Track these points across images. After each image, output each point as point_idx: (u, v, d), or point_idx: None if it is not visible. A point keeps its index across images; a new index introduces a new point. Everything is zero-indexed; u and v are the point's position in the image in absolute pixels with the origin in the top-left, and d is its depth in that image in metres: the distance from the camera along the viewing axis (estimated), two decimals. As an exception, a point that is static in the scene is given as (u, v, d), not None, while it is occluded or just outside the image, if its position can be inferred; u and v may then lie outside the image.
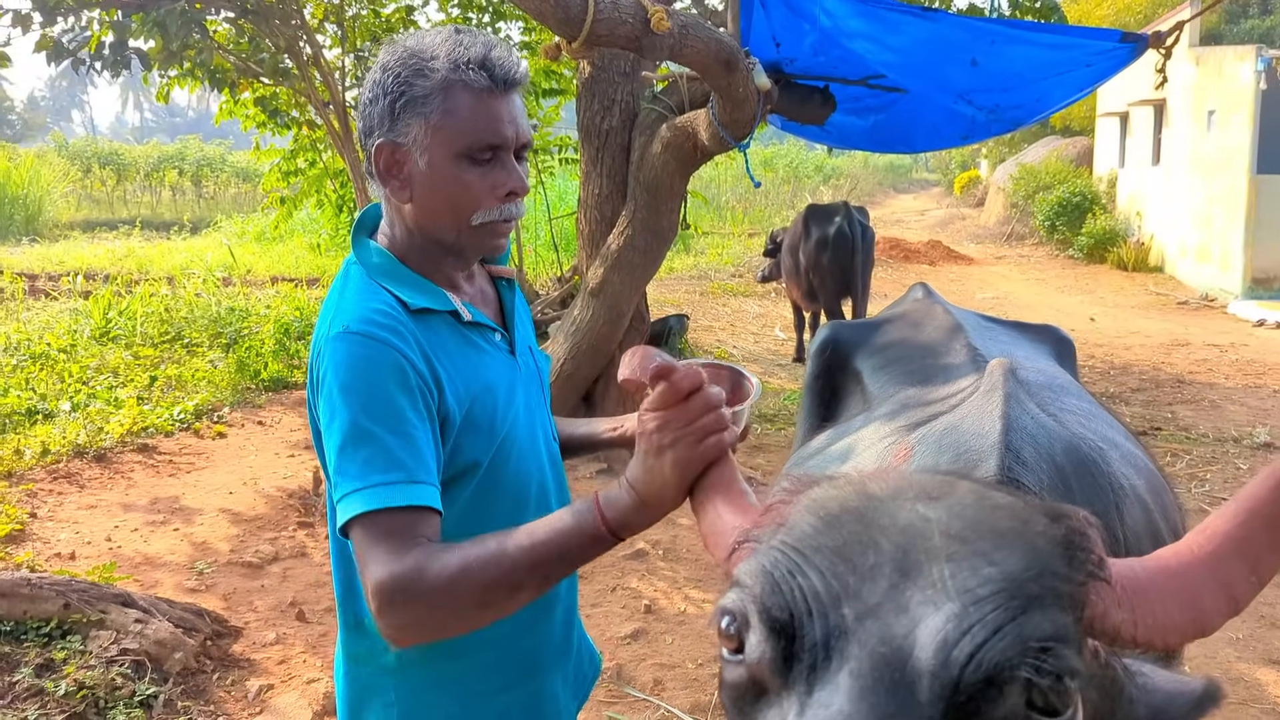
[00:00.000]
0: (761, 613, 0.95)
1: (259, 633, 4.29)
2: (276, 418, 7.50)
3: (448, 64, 1.47)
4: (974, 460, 1.65)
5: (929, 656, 0.86)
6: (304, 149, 9.81)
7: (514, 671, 1.64)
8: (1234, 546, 0.97)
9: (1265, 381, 9.31)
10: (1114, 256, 18.02)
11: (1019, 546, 0.94)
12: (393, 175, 1.53)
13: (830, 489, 1.07)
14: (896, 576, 0.92)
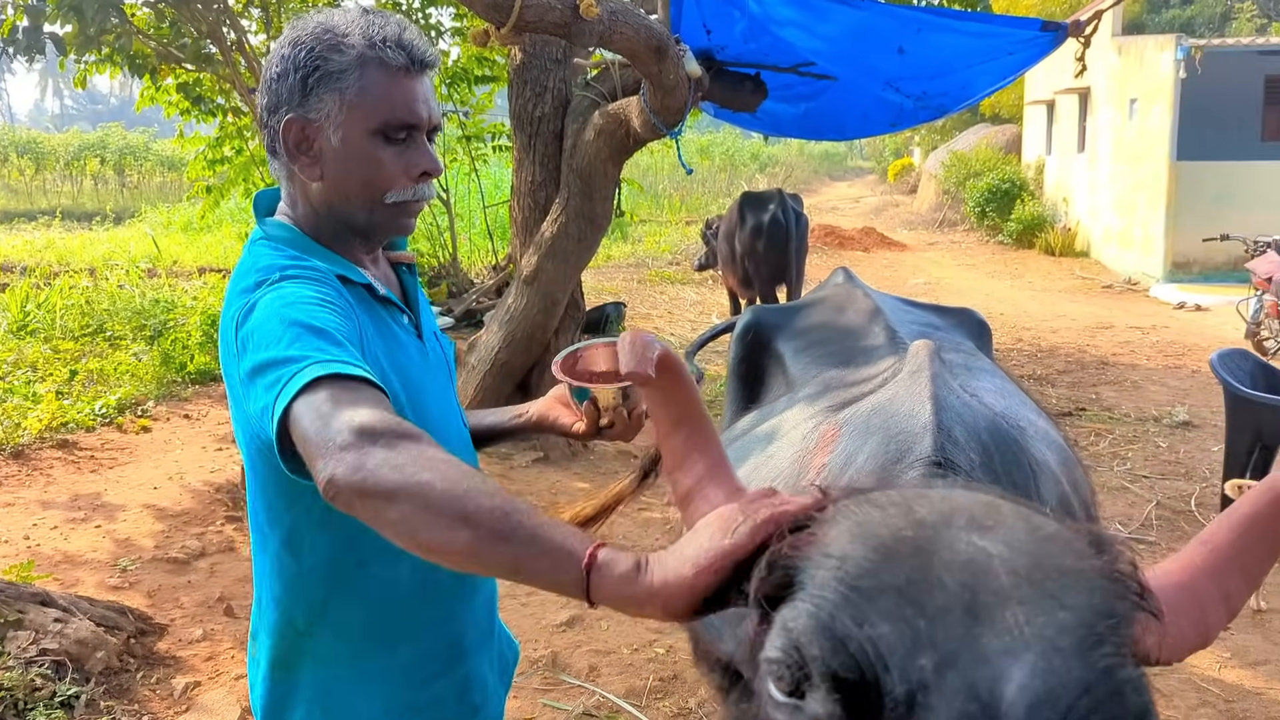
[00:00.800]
0: (825, 675, 0.87)
1: (185, 629, 4.21)
2: (203, 411, 7.35)
3: (364, 41, 1.44)
4: (907, 441, 1.67)
5: (1020, 716, 0.81)
6: (230, 136, 9.59)
7: (442, 659, 1.62)
8: (1234, 558, 0.98)
9: (1184, 362, 9.60)
10: (1042, 242, 18.43)
11: (1084, 587, 0.90)
12: (302, 152, 1.48)
13: (874, 511, 0.99)
14: (969, 621, 0.85)
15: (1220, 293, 12.43)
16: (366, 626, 1.55)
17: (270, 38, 8.74)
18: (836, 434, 1.90)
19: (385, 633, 1.55)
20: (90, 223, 21.89)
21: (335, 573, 1.52)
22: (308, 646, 1.53)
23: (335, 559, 1.51)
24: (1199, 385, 8.57)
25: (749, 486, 2.11)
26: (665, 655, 4.07)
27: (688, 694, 3.77)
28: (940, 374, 1.88)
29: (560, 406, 1.80)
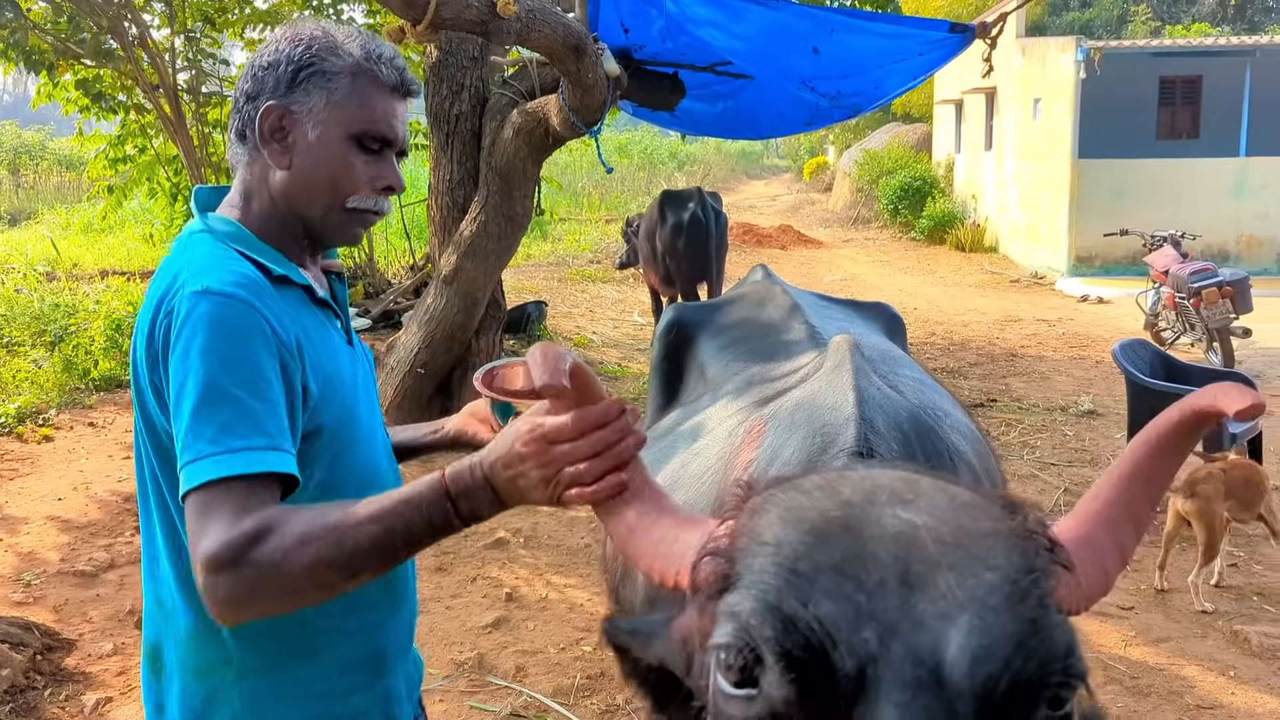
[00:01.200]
0: (780, 654, 0.89)
1: (95, 644, 4.07)
2: (109, 418, 7.10)
3: (361, 52, 1.51)
4: (832, 433, 1.70)
5: (965, 675, 0.85)
6: (133, 134, 9.31)
7: (365, 672, 1.60)
8: (1123, 509, 1.03)
9: (1088, 354, 9.95)
10: (952, 238, 18.89)
11: (1005, 547, 0.95)
12: (276, 139, 1.51)
13: (799, 495, 1.02)
14: (905, 591, 0.89)
15: (1121, 286, 12.91)
16: (289, 634, 1.51)
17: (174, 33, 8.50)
18: (762, 429, 1.93)
19: (308, 641, 1.53)
20: (-16, 224, 20.97)
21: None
22: (229, 653, 1.49)
23: None
24: (1102, 375, 8.89)
25: (676, 484, 2.13)
26: (592, 653, 4.08)
27: (615, 691, 3.78)
28: (861, 367, 1.93)
29: (477, 423, 1.82)
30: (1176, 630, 4.33)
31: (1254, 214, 14.53)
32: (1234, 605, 4.55)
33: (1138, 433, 1.05)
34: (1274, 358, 9.48)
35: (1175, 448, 1.04)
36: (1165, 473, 1.05)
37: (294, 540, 1.22)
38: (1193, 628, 4.35)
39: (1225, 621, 4.38)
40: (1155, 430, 1.04)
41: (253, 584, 1.21)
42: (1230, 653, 4.13)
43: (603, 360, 9.69)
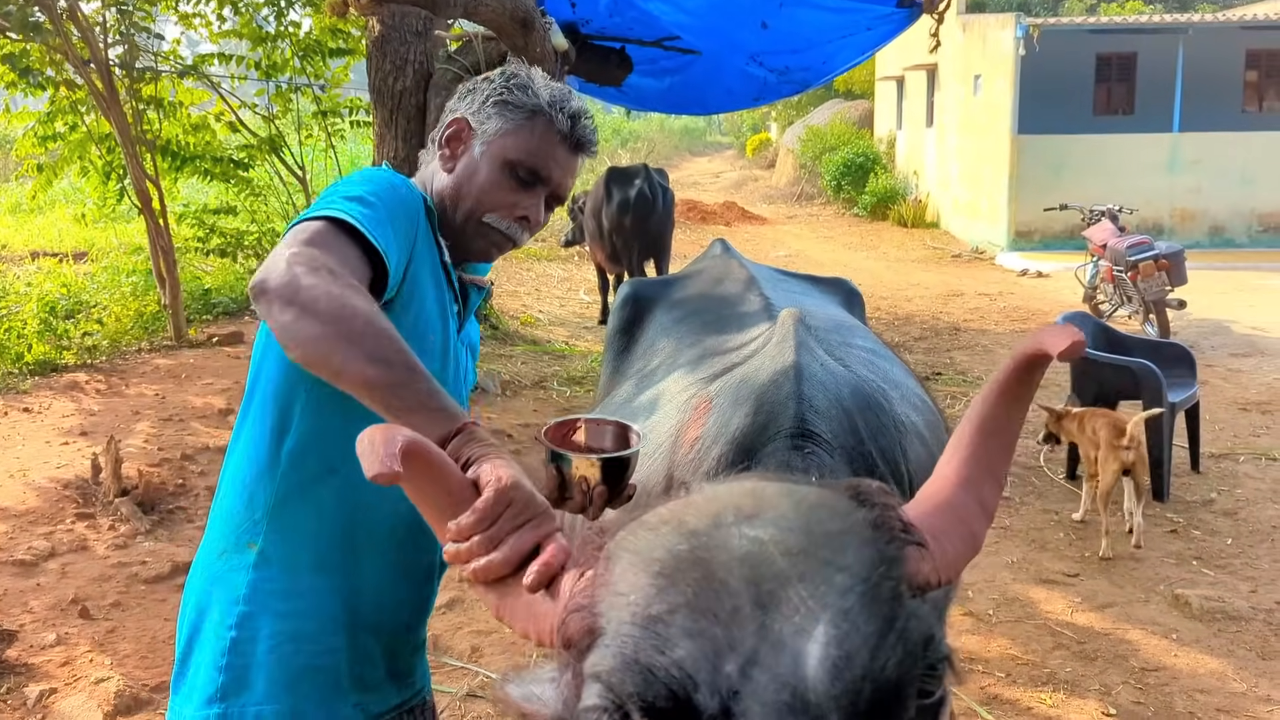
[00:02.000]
0: (644, 709, 0.88)
1: (37, 635, 3.96)
2: (45, 403, 6.89)
3: (547, 98, 1.69)
4: (773, 411, 1.71)
5: (826, 689, 0.84)
6: (63, 111, 9.00)
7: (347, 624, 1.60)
8: (977, 466, 1.04)
9: (1029, 326, 10.13)
10: (895, 214, 19.09)
11: (853, 542, 0.95)
12: (450, 146, 1.72)
13: (647, 534, 1.00)
14: (760, 613, 0.88)
15: (1059, 259, 13.16)
16: (316, 543, 1.58)
17: (105, 6, 8.22)
18: (708, 406, 1.93)
19: (323, 555, 1.58)
20: (-96, 205, 20.20)
21: (303, 468, 1.58)
22: (256, 536, 1.58)
23: (308, 453, 1.58)
24: (1043, 348, 9.06)
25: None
26: (548, 631, 4.07)
27: (572, 668, 3.78)
28: (805, 342, 1.93)
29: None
30: (1120, 596, 4.45)
31: (1187, 188, 14.89)
32: (1175, 570, 4.68)
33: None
34: (1208, 328, 9.74)
35: (1017, 395, 1.06)
36: (1013, 422, 1.06)
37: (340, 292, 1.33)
38: (1136, 593, 4.47)
39: (1167, 586, 4.50)
40: (996, 383, 1.05)
41: (294, 283, 1.32)
42: (1172, 616, 4.25)
43: (550, 339, 9.65)
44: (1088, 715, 3.55)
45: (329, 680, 1.57)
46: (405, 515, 1.60)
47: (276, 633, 1.55)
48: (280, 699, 1.54)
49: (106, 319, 8.48)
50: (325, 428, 1.57)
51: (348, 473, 1.57)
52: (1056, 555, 4.88)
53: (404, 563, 1.66)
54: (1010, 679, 3.79)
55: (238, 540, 1.60)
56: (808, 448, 1.62)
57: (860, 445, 1.72)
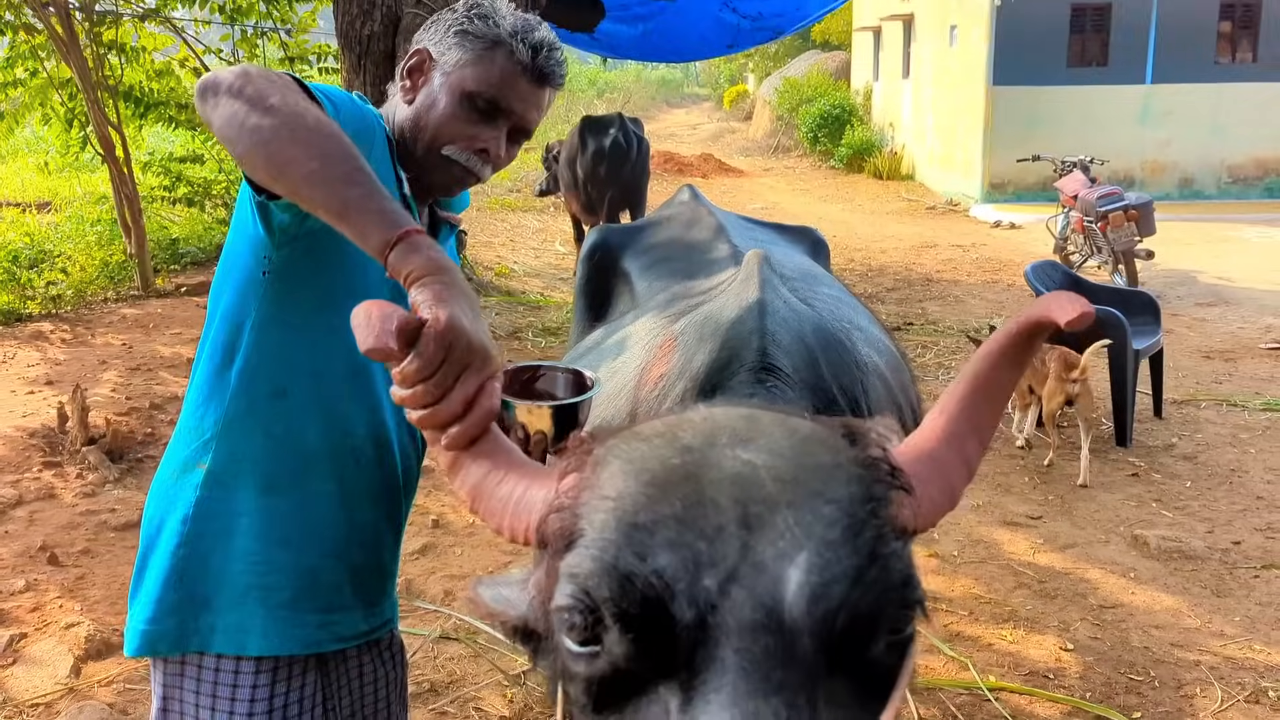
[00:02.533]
0: (616, 615, 0.89)
1: (6, 581, 3.96)
2: (10, 353, 6.83)
3: (509, 28, 1.66)
4: (736, 347, 1.72)
5: (803, 613, 0.85)
6: (23, 57, 8.80)
7: (294, 544, 1.61)
8: (965, 422, 1.05)
9: (1001, 277, 10.20)
10: (871, 166, 19.06)
11: (843, 477, 0.95)
12: (411, 78, 1.70)
13: (640, 444, 1.01)
14: (744, 533, 0.89)
15: (1032, 211, 13.21)
16: (258, 465, 1.59)
17: (63, -55, 7.99)
18: (673, 344, 1.94)
19: (270, 480, 1.59)
20: None
21: (251, 390, 1.59)
22: (205, 456, 1.59)
23: (257, 375, 1.59)
24: (1014, 298, 9.13)
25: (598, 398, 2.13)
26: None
27: (543, 611, 3.83)
28: (769, 280, 1.94)
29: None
30: (1081, 536, 4.54)
31: (1158, 140, 14.94)
32: (1135, 512, 4.78)
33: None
34: (1175, 278, 9.84)
35: (1015, 359, 1.05)
36: (1006, 384, 1.07)
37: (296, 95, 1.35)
38: (1096, 534, 4.56)
39: (1126, 528, 4.60)
40: (996, 344, 1.05)
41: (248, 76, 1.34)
42: (1131, 556, 4.35)
43: (525, 290, 9.62)
44: (1046, 650, 3.64)
45: (278, 599, 1.58)
46: (358, 437, 1.64)
47: (224, 550, 1.57)
48: (228, 614, 1.57)
49: (71, 268, 8.38)
50: (274, 349, 1.58)
51: (296, 394, 1.59)
52: (1020, 498, 4.96)
53: (359, 485, 1.66)
54: (973, 617, 3.88)
55: (188, 460, 1.62)
56: (770, 381, 1.63)
57: (821, 381, 1.73)
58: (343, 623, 1.67)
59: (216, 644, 1.57)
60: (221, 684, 1.57)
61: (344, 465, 1.64)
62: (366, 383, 1.65)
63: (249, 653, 1.57)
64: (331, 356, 1.60)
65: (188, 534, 1.58)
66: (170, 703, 1.61)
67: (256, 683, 1.58)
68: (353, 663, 1.74)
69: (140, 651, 1.59)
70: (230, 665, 1.57)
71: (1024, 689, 3.41)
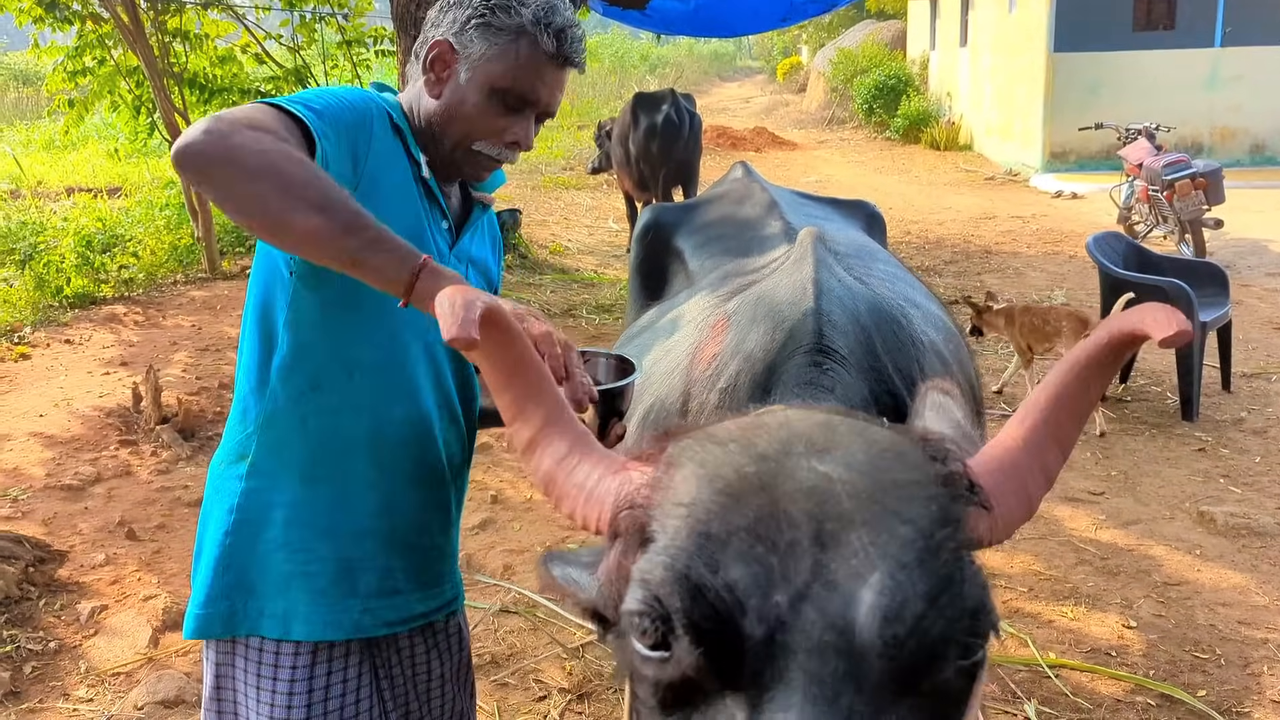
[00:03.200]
0: (687, 625, 0.89)
1: (87, 555, 4.13)
2: (86, 335, 7.05)
3: (531, 17, 1.63)
4: (791, 327, 1.73)
5: (873, 636, 0.85)
6: (91, 45, 9.01)
7: (328, 533, 1.65)
8: (1047, 432, 1.03)
9: (1062, 249, 10.00)
10: (927, 137, 18.74)
11: (922, 498, 0.94)
12: (434, 71, 1.68)
13: (716, 450, 1.01)
14: (817, 550, 0.89)
15: (1095, 180, 12.90)
16: (299, 459, 1.63)
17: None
18: (726, 324, 1.95)
19: (308, 472, 1.63)
20: (-60, 143, 20.41)
21: (288, 385, 1.62)
22: (248, 449, 1.65)
23: (292, 370, 1.62)
24: (1076, 270, 8.96)
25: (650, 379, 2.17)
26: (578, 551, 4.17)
27: (601, 585, 3.89)
28: (824, 259, 1.94)
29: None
30: (1145, 513, 4.47)
31: (1228, 106, 14.47)
32: (1201, 488, 4.70)
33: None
34: (1245, 248, 9.57)
35: (1102, 371, 1.03)
36: (1090, 394, 1.04)
37: (274, 145, 1.34)
38: (1161, 510, 4.49)
39: (1192, 504, 4.52)
40: (1083, 353, 1.03)
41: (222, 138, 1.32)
42: (1197, 533, 4.28)
43: (579, 268, 9.67)
44: (1108, 628, 3.61)
45: (319, 585, 1.63)
46: (396, 425, 1.67)
47: (266, 539, 1.63)
48: (274, 600, 1.62)
49: (142, 252, 8.60)
50: (306, 344, 1.62)
51: (330, 388, 1.62)
52: (1082, 474, 4.90)
53: (399, 472, 1.69)
54: (1032, 593, 3.85)
55: (234, 452, 1.67)
56: (826, 364, 1.64)
57: (876, 361, 1.74)
58: (390, 608, 1.70)
59: (264, 628, 1.63)
60: (265, 664, 1.63)
61: (382, 454, 1.67)
62: (402, 372, 1.67)
63: (293, 637, 1.62)
64: (364, 349, 1.63)
65: (234, 523, 1.63)
66: (222, 680, 1.68)
67: (296, 664, 1.63)
68: (404, 646, 1.78)
69: (195, 634, 1.65)
70: (273, 648, 1.63)
71: (1085, 666, 3.39)
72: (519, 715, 3.20)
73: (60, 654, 3.49)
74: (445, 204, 1.74)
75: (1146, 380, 6.16)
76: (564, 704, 3.24)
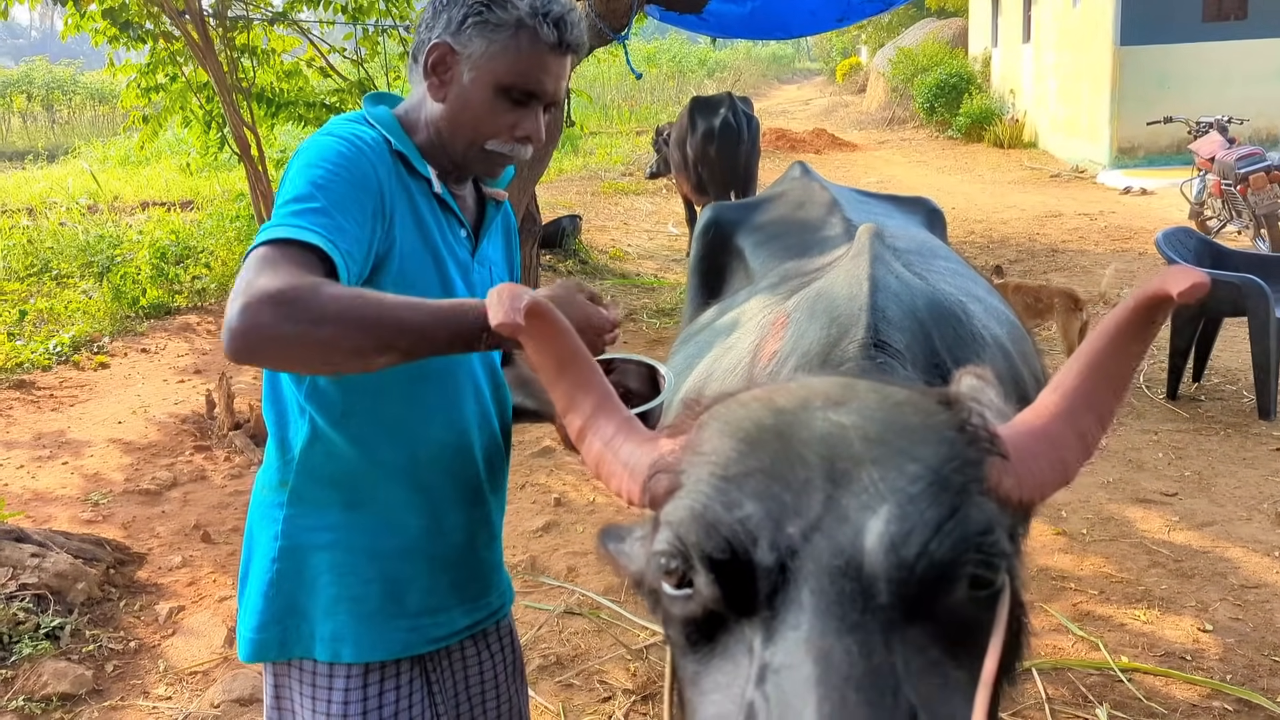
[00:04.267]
0: (703, 559, 0.95)
1: (164, 557, 4.25)
2: (161, 344, 7.28)
3: (528, 9, 1.60)
4: (846, 323, 1.72)
5: (881, 561, 0.89)
6: (162, 63, 9.28)
7: (415, 541, 1.67)
8: (1083, 399, 1.04)
9: (1131, 245, 9.79)
10: (990, 135, 18.47)
11: (932, 439, 0.98)
12: (437, 74, 1.65)
13: (738, 408, 1.07)
14: (829, 487, 0.94)
15: (1165, 176, 12.60)
16: (341, 483, 1.64)
17: (197, -44, 8.40)
18: (785, 321, 1.95)
19: (353, 495, 1.65)
20: (22, 162, 21.16)
21: (321, 413, 1.63)
22: (288, 476, 1.65)
23: (324, 399, 1.62)
24: (1145, 267, 8.75)
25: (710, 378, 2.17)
26: (640, 552, 4.19)
27: (664, 587, 3.89)
28: (880, 255, 1.93)
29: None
30: (1221, 514, 4.36)
31: (1305, 96, 14.05)
32: (1279, 488, 4.56)
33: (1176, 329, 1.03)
34: (1324, 243, 9.26)
35: (1135, 336, 1.03)
36: (1125, 363, 1.05)
37: (336, 292, 1.35)
38: (1238, 511, 4.37)
39: (1270, 505, 4.39)
40: (1113, 321, 1.04)
41: (288, 320, 1.30)
42: (1275, 534, 4.16)
43: (639, 272, 9.70)
44: (1183, 631, 3.52)
45: (367, 609, 1.64)
46: (432, 443, 1.67)
47: (312, 565, 1.64)
48: (322, 623, 1.63)
49: (214, 263, 8.85)
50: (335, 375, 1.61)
51: (361, 414, 1.62)
52: (1154, 475, 4.79)
53: (440, 490, 1.69)
54: (1103, 596, 3.77)
55: (276, 479, 1.68)
56: (880, 358, 1.64)
57: (935, 355, 1.72)
58: (437, 625, 1.71)
59: (316, 651, 1.64)
60: (319, 686, 1.65)
61: (421, 473, 1.67)
62: (437, 389, 1.66)
63: (343, 659, 1.64)
64: (390, 373, 1.58)
65: (280, 550, 1.65)
66: (282, 700, 1.70)
67: (349, 685, 1.64)
68: (455, 653, 1.79)
69: (250, 658, 1.67)
70: (325, 669, 1.65)
71: (1159, 670, 3.31)
72: (584, 716, 3.23)
73: (140, 653, 3.60)
74: (460, 211, 1.73)
75: (1221, 379, 5.99)
76: (629, 705, 3.25)
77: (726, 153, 9.20)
